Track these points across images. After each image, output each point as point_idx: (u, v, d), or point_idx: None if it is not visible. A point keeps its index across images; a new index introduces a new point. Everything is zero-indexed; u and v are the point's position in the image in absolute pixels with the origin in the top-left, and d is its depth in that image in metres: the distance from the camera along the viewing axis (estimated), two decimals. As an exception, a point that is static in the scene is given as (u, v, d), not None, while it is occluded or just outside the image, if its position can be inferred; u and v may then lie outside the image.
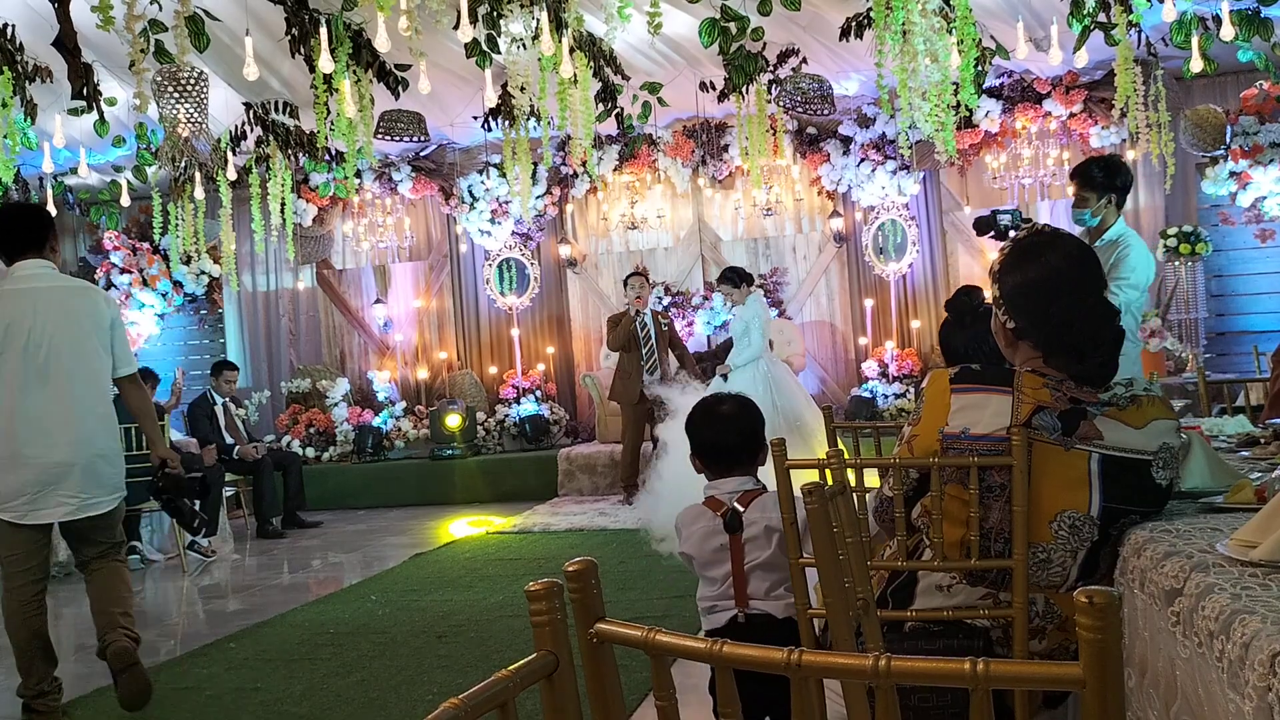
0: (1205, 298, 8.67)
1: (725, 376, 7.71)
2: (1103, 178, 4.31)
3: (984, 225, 4.71)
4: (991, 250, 9.53)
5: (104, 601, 4.10)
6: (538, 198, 10.01)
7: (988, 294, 2.21)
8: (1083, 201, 4.34)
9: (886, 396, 9.29)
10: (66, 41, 4.10)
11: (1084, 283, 2.00)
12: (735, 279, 7.86)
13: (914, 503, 1.98)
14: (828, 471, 1.75)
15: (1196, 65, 6.48)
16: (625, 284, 8.36)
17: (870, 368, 9.50)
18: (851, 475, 1.95)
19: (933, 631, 1.91)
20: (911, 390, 9.21)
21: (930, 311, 9.68)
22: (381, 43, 4.19)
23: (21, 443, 3.88)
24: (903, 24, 4.33)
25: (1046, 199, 9.41)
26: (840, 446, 2.43)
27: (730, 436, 2.44)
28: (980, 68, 5.47)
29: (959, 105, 5.14)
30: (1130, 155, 8.87)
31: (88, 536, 4.10)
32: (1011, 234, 4.73)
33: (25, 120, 6.29)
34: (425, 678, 4.22)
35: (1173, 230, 8.50)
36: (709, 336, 10.10)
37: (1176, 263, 8.47)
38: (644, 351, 8.15)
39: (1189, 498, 2.08)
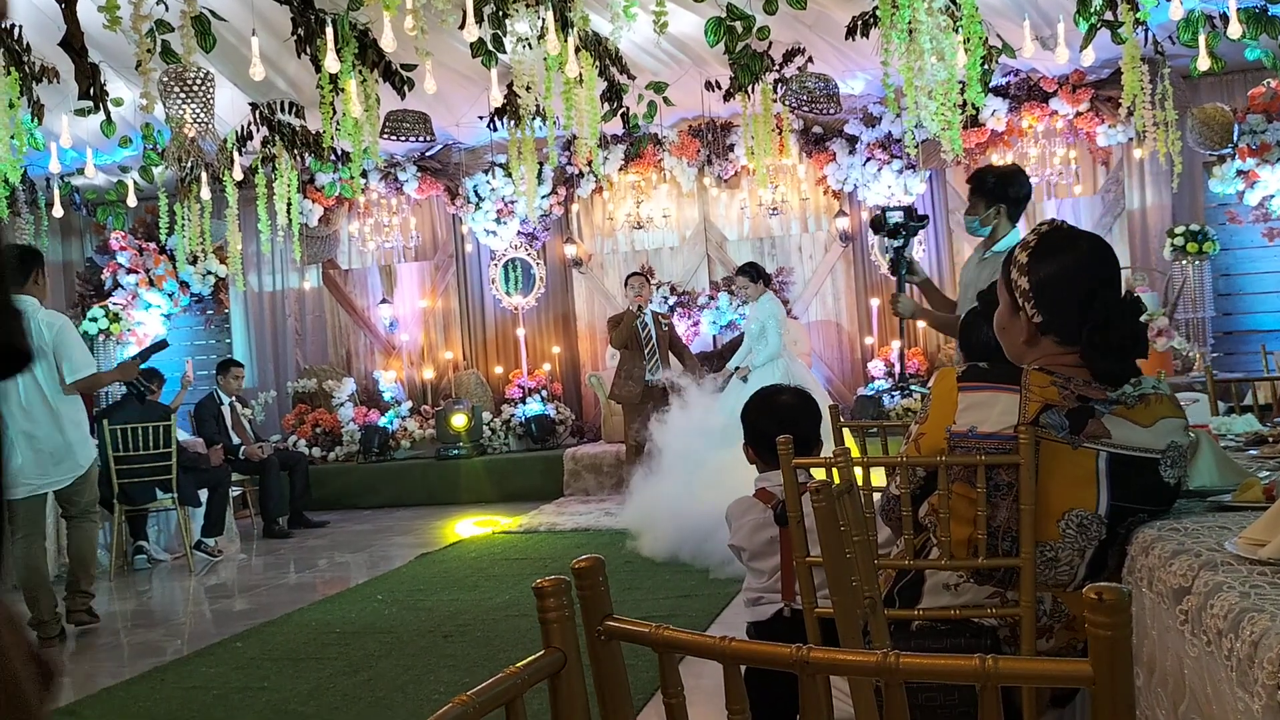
0: (1212, 297, 8.64)
1: (745, 378, 7.70)
2: (994, 185, 4.17)
3: (876, 224, 4.74)
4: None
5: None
6: (543, 197, 10.01)
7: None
8: (973, 209, 4.25)
9: (894, 395, 9.27)
10: (73, 42, 4.11)
11: (1114, 277, 2.01)
12: (754, 274, 7.86)
13: (921, 501, 1.98)
14: (835, 470, 1.75)
15: (1204, 64, 6.46)
16: (626, 284, 8.35)
17: (876, 367, 9.49)
18: (859, 474, 1.95)
19: (940, 630, 1.91)
20: (918, 390, 9.19)
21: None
22: (387, 42, 4.19)
23: None
24: (909, 23, 4.32)
25: (1053, 198, 9.39)
26: (849, 444, 2.41)
27: (787, 427, 2.41)
28: (986, 66, 5.45)
29: (965, 104, 5.13)
30: (1137, 154, 8.86)
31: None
32: (902, 232, 4.77)
33: (32, 121, 6.31)
34: (431, 677, 4.22)
35: (1180, 229, 8.48)
36: (714, 336, 10.10)
37: (1184, 262, 8.45)
38: (645, 351, 8.13)
39: (1197, 496, 2.07)
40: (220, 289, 10.77)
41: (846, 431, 3.00)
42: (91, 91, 4.38)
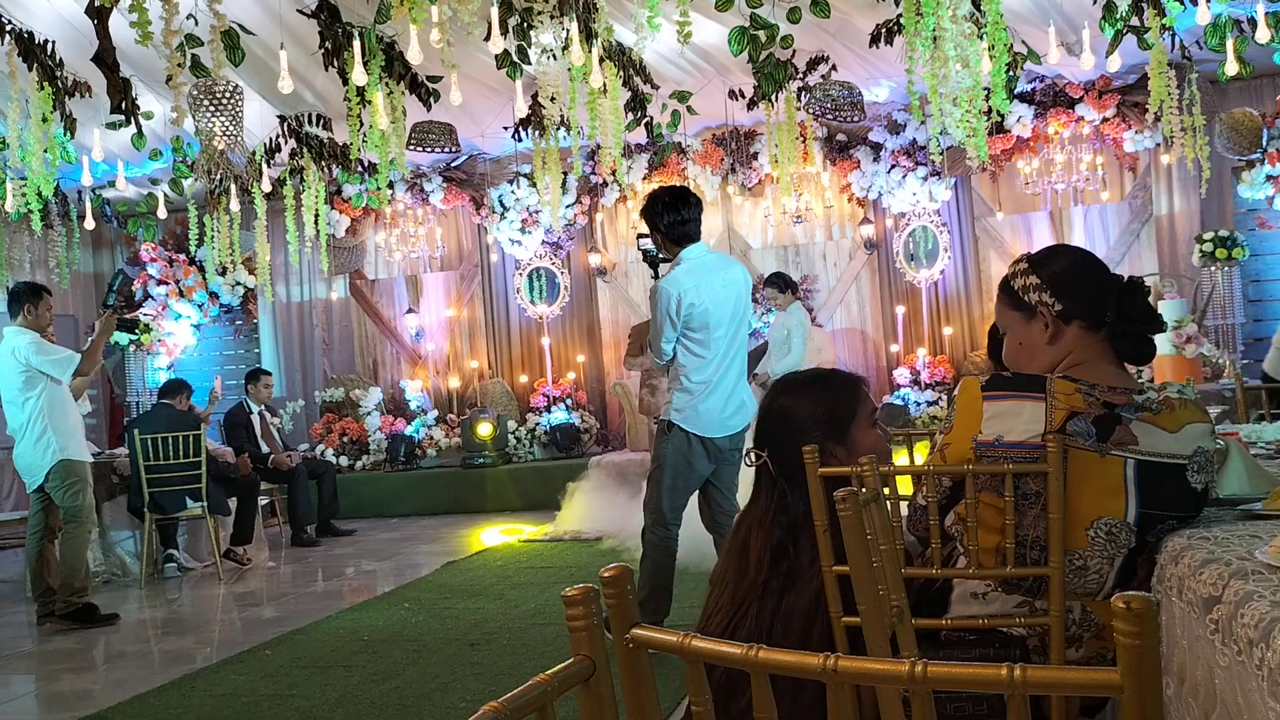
0: (1242, 303, 8.55)
1: (764, 385, 7.69)
2: (646, 211, 4.48)
3: (645, 256, 5.04)
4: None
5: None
6: (567, 207, 10.05)
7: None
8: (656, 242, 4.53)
9: (919, 404, 9.24)
10: (105, 58, 4.18)
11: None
12: (782, 284, 7.88)
13: (947, 511, 1.97)
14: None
15: (1232, 69, 6.41)
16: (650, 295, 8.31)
17: (902, 375, 9.45)
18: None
19: (968, 640, 1.91)
20: (944, 398, 9.15)
21: (962, 318, 9.63)
22: (414, 55, 4.23)
23: None
24: (933, 30, 4.32)
25: (1080, 204, 9.33)
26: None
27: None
28: (1012, 73, 5.43)
29: (990, 111, 5.11)
30: (1165, 160, 8.79)
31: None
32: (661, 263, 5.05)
33: (65, 135, 6.39)
34: (458, 685, 4.24)
35: (1209, 235, 8.41)
36: (739, 344, 10.07)
37: (1213, 268, 8.38)
38: None
39: (1227, 505, 2.06)
40: (249, 299, 10.88)
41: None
42: (123, 106, 4.44)
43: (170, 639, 5.54)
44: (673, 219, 4.39)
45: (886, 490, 1.88)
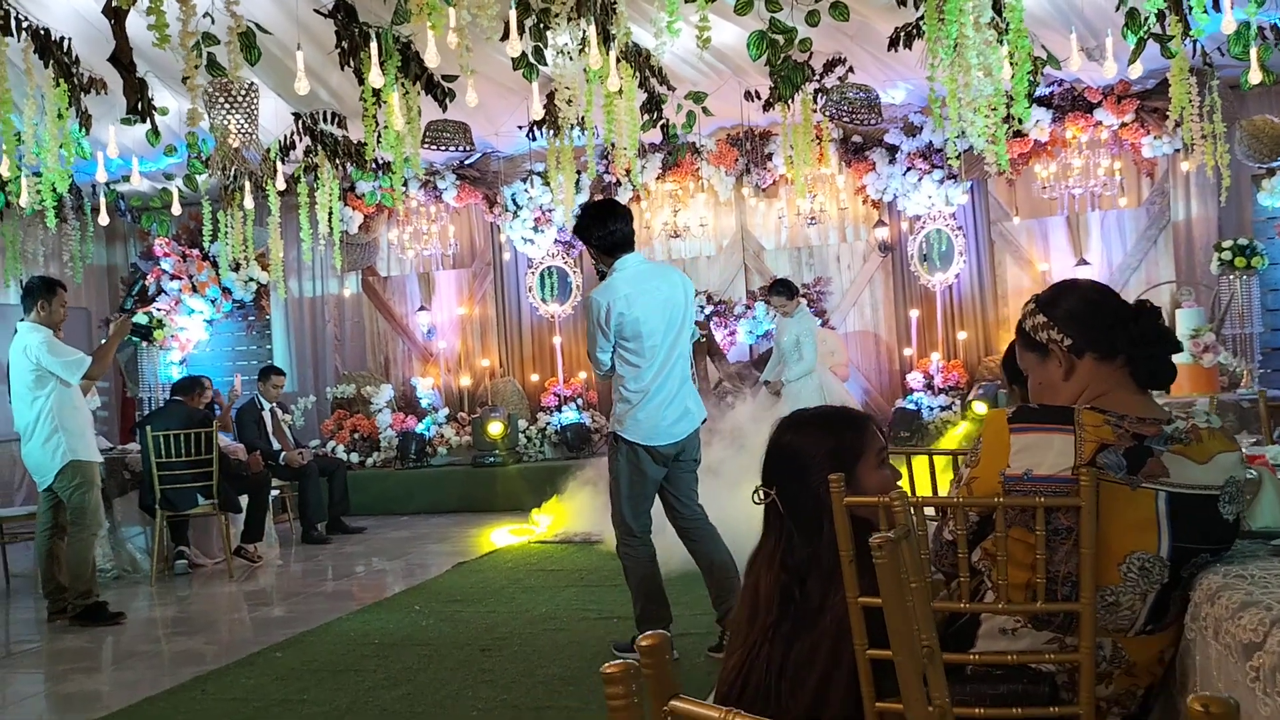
0: (1260, 312, 8.48)
1: (778, 392, 7.66)
2: (576, 226, 4.61)
3: None
4: (1041, 260, 9.40)
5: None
6: (581, 206, 10.01)
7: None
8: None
9: (932, 408, 9.19)
10: (122, 58, 4.16)
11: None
12: (788, 292, 7.83)
13: (974, 546, 1.94)
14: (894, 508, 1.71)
15: (1255, 77, 6.34)
16: None
17: (915, 379, 9.40)
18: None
19: (995, 675, 1.87)
20: (958, 403, 9.10)
21: (977, 323, 9.57)
22: (431, 58, 4.20)
23: None
24: (955, 37, 4.27)
25: (1097, 209, 9.27)
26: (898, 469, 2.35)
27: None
28: (1032, 79, 5.38)
29: (1010, 118, 5.06)
30: (1184, 166, 8.72)
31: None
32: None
33: (80, 131, 6.38)
34: (470, 693, 4.22)
35: (1228, 243, 8.34)
36: (751, 346, 10.05)
37: (1231, 276, 8.30)
38: None
39: (1260, 538, 2.02)
40: (262, 295, 10.88)
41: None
42: (140, 106, 4.43)
43: (180, 639, 5.54)
44: (601, 231, 4.44)
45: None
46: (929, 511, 2.46)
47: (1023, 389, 2.74)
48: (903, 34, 6.49)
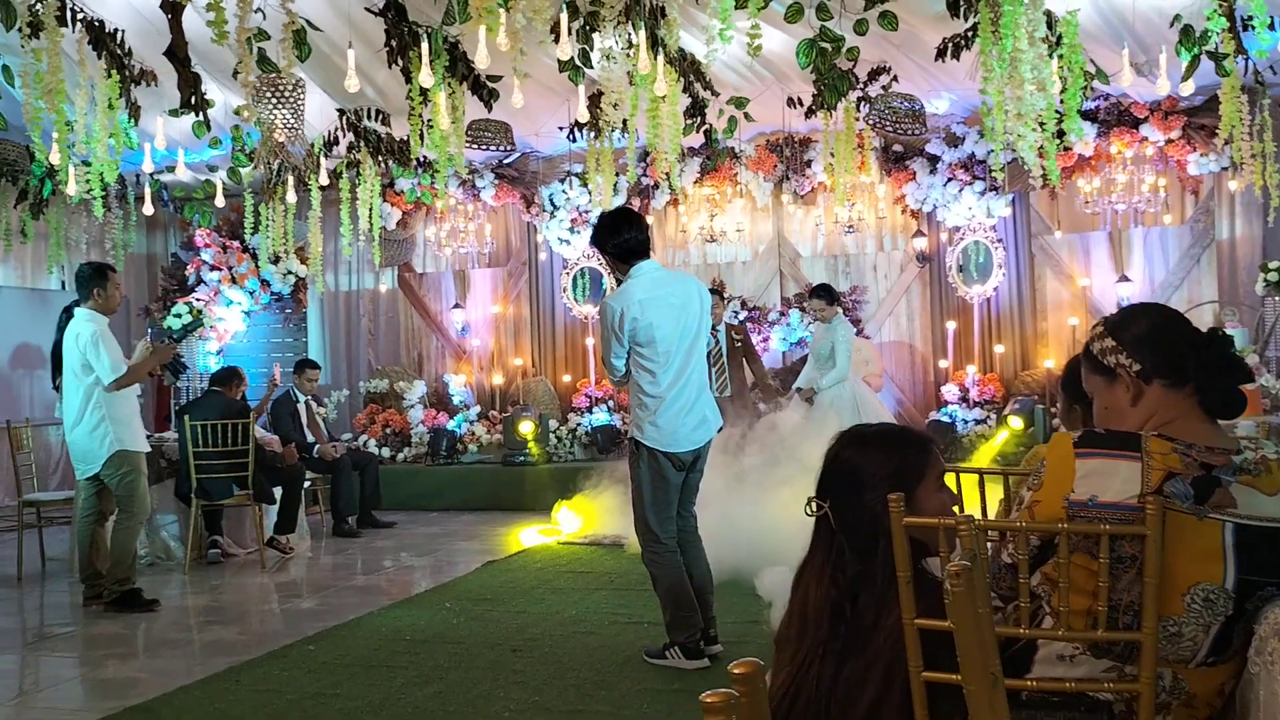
0: (1306, 334, 8.36)
1: (810, 400, 7.62)
2: (593, 236, 4.63)
3: None
4: (1082, 276, 9.31)
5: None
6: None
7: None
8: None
9: (966, 422, 9.13)
10: (178, 51, 4.20)
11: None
12: (829, 297, 7.78)
13: (1033, 570, 1.92)
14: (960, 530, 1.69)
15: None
16: None
17: (950, 391, 9.34)
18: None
19: (1052, 702, 1.85)
20: (993, 417, 9.02)
21: (1015, 337, 9.49)
22: (481, 59, 4.21)
23: None
24: (1010, 51, 4.23)
25: (1140, 225, 9.17)
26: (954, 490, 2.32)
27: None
28: (1083, 93, 5.34)
29: (1062, 134, 5.02)
30: (1232, 185, 8.61)
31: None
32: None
33: (129, 122, 6.46)
34: (501, 694, 4.22)
35: (1274, 264, 8.22)
36: (784, 353, 10.02)
37: (1276, 298, 8.19)
38: (713, 370, 8.02)
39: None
40: (299, 288, 10.96)
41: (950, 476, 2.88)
42: (193, 100, 4.47)
43: (214, 628, 5.58)
44: (616, 239, 4.49)
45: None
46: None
47: (1084, 409, 2.72)
48: (950, 45, 6.45)
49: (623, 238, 4.48)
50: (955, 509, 2.09)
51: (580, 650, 4.82)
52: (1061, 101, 5.01)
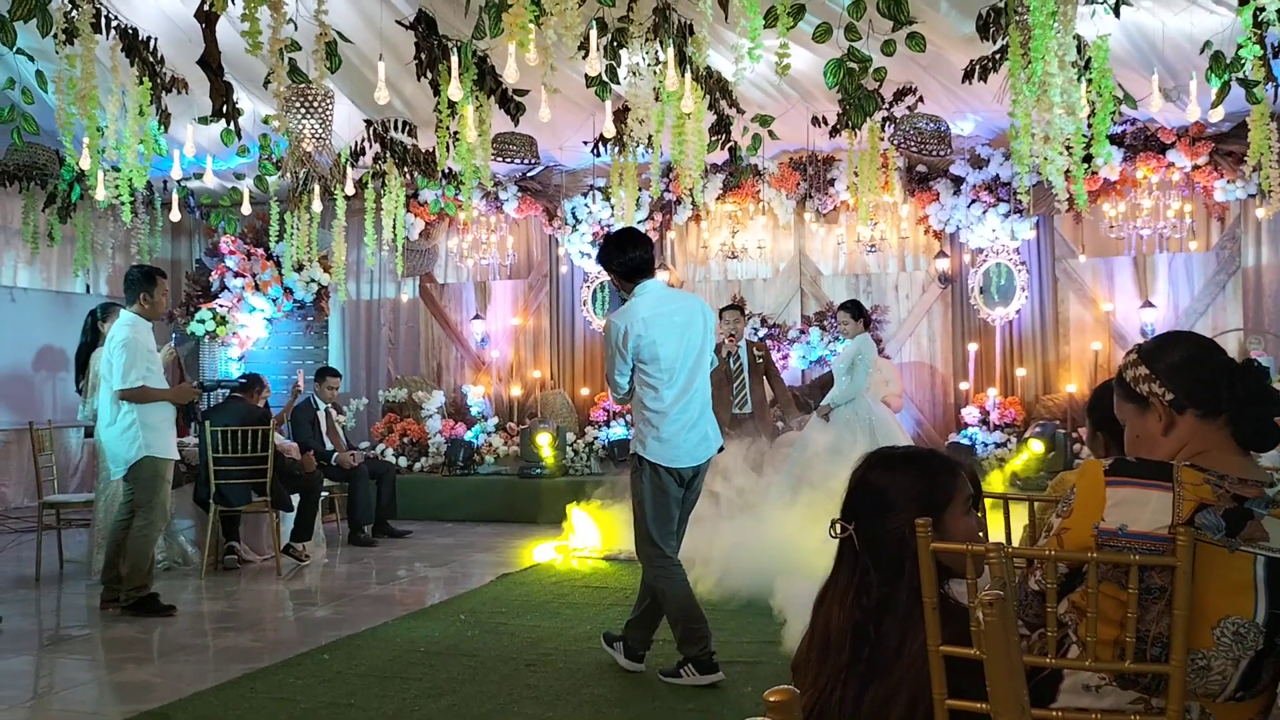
0: (1332, 364, 8.28)
1: (826, 416, 7.59)
2: (599, 255, 4.75)
3: None
4: (1105, 300, 9.26)
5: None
6: (639, 222, 10.02)
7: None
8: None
9: (986, 445, 9.07)
10: (211, 61, 4.24)
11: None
12: (856, 312, 7.72)
13: (1060, 598, 1.90)
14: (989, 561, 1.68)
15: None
16: (720, 316, 8.18)
17: (970, 413, 9.29)
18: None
19: (1078, 733, 1.83)
20: (1013, 440, 8.97)
21: (1036, 360, 9.44)
22: (510, 74, 4.23)
23: None
24: (1040, 75, 4.22)
25: (1165, 251, 9.12)
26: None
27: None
28: (1112, 118, 5.32)
29: (1089, 158, 5.00)
30: (1259, 213, 8.55)
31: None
32: None
33: (159, 128, 6.52)
34: (515, 708, 4.21)
35: (1300, 292, 8.15)
36: (803, 371, 10.00)
37: (1303, 326, 8.12)
38: (734, 386, 8.01)
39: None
40: (322, 296, 11.02)
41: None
42: (225, 108, 4.51)
43: (229, 634, 5.59)
44: (621, 258, 4.58)
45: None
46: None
47: (1107, 436, 2.69)
48: (977, 67, 6.44)
49: (628, 256, 4.57)
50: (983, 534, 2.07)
51: (594, 666, 4.80)
52: (1090, 126, 4.99)
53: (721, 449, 4.78)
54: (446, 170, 8.05)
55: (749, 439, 7.33)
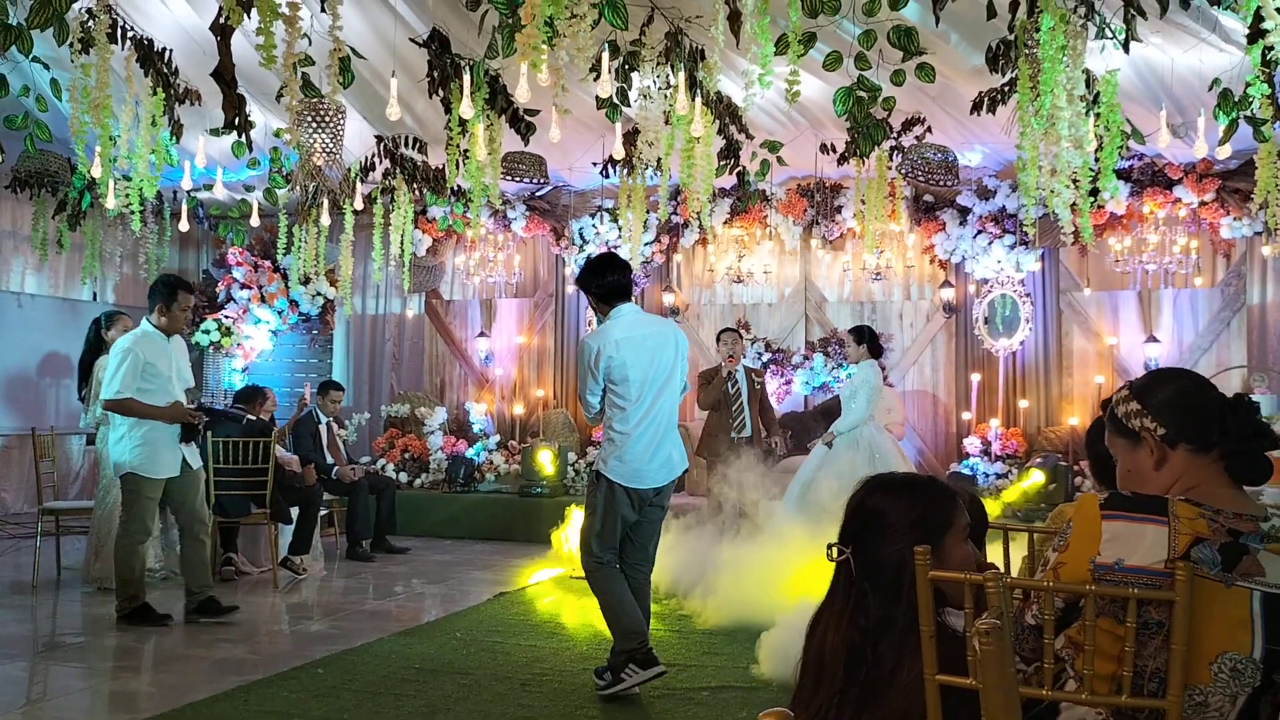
0: (1338, 401, 8.27)
1: (829, 444, 7.57)
2: (579, 278, 4.88)
3: None
4: (1109, 334, 9.26)
5: None
6: (646, 244, 10.06)
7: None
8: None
9: (987, 475, 9.06)
10: (225, 74, 4.27)
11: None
12: (856, 337, 7.70)
13: (1057, 633, 1.90)
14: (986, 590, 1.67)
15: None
16: (718, 339, 8.15)
17: (972, 444, 9.28)
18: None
19: (1073, 766, 1.82)
20: (1014, 471, 8.95)
21: (1039, 392, 9.43)
22: (522, 94, 4.27)
23: None
24: (1048, 109, 4.25)
25: (1170, 286, 9.13)
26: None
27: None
28: (1119, 153, 5.34)
29: (1095, 191, 5.01)
30: (1265, 250, 8.56)
31: None
32: None
33: (171, 139, 6.56)
34: (509, 727, 4.19)
35: (1305, 330, 8.16)
36: (806, 397, 10.00)
37: (1308, 364, 8.12)
38: (733, 409, 7.98)
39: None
40: (327, 310, 11.05)
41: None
42: (238, 121, 4.55)
43: (224, 645, 5.57)
44: (599, 281, 4.72)
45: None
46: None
47: (1095, 468, 2.70)
48: (986, 98, 6.47)
49: (606, 280, 4.71)
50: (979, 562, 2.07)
51: (588, 687, 4.78)
52: (1097, 160, 5.01)
53: (686, 471, 4.87)
54: (455, 187, 8.08)
55: (748, 464, 7.32)
